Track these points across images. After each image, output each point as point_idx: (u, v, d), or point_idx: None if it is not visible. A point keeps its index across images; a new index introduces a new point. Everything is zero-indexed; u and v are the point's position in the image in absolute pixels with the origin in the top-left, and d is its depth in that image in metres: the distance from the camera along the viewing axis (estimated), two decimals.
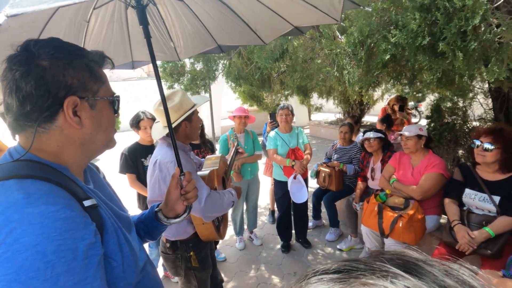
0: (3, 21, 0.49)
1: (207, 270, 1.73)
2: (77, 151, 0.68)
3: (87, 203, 0.63)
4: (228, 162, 2.11)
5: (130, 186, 2.64)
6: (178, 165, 1.06)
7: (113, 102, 0.74)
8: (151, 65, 1.18)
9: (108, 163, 5.09)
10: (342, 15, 1.49)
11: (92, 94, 0.68)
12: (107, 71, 0.78)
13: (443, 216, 2.58)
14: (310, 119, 12.29)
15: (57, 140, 0.65)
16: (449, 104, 3.04)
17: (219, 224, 1.69)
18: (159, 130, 1.61)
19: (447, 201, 2.22)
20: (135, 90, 14.17)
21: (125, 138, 2.72)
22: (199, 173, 1.61)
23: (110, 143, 0.76)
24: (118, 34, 1.46)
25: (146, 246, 2.74)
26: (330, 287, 0.27)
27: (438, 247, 2.18)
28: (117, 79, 13.54)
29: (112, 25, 1.40)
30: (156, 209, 0.98)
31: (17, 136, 0.67)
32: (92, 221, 0.61)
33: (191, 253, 1.62)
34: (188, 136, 1.63)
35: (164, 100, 1.14)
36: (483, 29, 1.48)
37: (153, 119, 2.58)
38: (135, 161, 2.58)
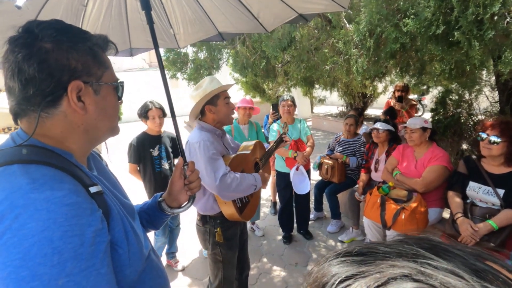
0: (23, 4, 0.46)
1: (233, 250, 1.79)
2: (81, 138, 0.67)
3: (93, 189, 0.62)
4: (267, 149, 2.10)
5: (129, 173, 2.67)
6: (182, 155, 1.06)
7: (117, 88, 0.73)
8: (152, 55, 1.16)
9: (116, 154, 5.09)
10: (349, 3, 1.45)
11: (96, 79, 0.66)
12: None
13: (446, 209, 2.58)
14: (312, 112, 12.23)
15: (61, 125, 0.64)
16: (455, 97, 3.00)
17: (242, 206, 1.70)
18: (191, 115, 1.73)
19: (450, 193, 2.22)
20: (137, 81, 14.10)
21: (127, 129, 2.70)
22: (225, 156, 1.67)
23: (114, 130, 0.75)
24: (117, 19, 1.43)
25: (151, 234, 2.77)
26: (355, 269, 0.26)
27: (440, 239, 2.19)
28: (119, 70, 13.46)
29: (110, 10, 1.36)
30: (159, 199, 0.98)
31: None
32: (98, 208, 0.60)
33: (218, 229, 1.70)
34: (216, 120, 1.70)
35: (166, 85, 1.13)
36: (496, 18, 1.44)
37: (161, 109, 2.57)
38: (143, 151, 2.58)
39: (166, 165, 2.63)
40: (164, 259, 2.93)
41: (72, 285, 0.51)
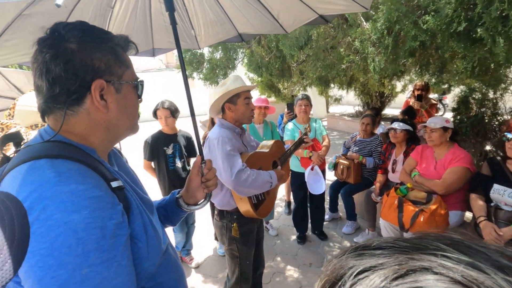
0: (62, 2, 0.49)
1: (249, 246, 1.82)
2: (102, 134, 0.69)
3: (114, 184, 0.64)
4: (286, 149, 2.10)
5: (143, 168, 2.76)
6: (200, 154, 1.07)
7: (137, 87, 0.75)
8: (169, 56, 1.19)
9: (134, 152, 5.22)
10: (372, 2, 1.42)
11: (118, 78, 0.69)
12: None
13: (468, 212, 2.48)
14: (328, 111, 12.07)
15: (85, 123, 0.66)
16: (478, 96, 2.87)
17: (258, 203, 1.72)
18: (212, 111, 1.79)
19: (473, 196, 2.13)
20: (154, 81, 14.42)
21: (144, 128, 2.78)
22: (243, 153, 1.72)
23: (134, 127, 0.77)
24: (141, 20, 1.47)
25: (170, 230, 2.83)
26: (373, 261, 0.26)
27: None
28: (137, 70, 13.75)
29: (135, 11, 1.41)
30: (177, 196, 1.00)
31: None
32: (119, 202, 0.62)
33: (234, 224, 1.74)
34: (234, 118, 1.74)
35: (187, 84, 1.15)
36: None
37: (169, 109, 2.63)
38: (157, 149, 2.65)
39: (179, 164, 2.69)
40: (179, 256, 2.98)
41: (94, 275, 0.53)
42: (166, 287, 0.76)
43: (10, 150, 1.38)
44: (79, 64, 0.62)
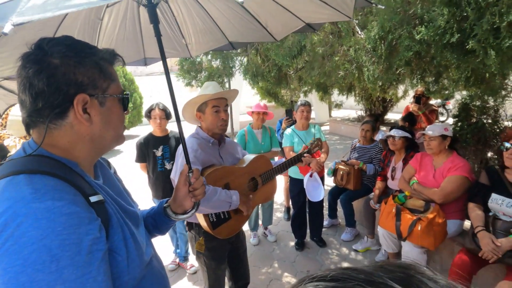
0: (10, 30, 0.50)
1: (218, 261, 1.73)
2: (87, 147, 0.70)
3: (93, 198, 0.64)
4: (276, 165, 1.89)
5: (140, 169, 2.84)
6: (187, 163, 1.08)
7: (122, 100, 0.75)
8: (172, 61, 1.21)
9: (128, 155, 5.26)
10: (361, 13, 1.43)
11: (102, 92, 0.69)
12: (132, 67, 0.79)
13: (467, 221, 2.45)
14: (330, 116, 12.06)
15: (68, 136, 0.67)
16: (478, 103, 2.85)
17: (217, 221, 1.59)
18: (188, 118, 1.74)
19: (471, 205, 2.11)
20: (157, 85, 14.55)
21: (148, 131, 2.82)
22: (209, 167, 1.62)
23: (119, 139, 0.78)
24: (131, 31, 1.50)
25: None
26: None
27: (459, 253, 2.08)
28: (141, 74, 13.94)
29: (125, 22, 1.43)
30: (164, 205, 1.00)
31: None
32: (97, 217, 0.62)
33: (201, 238, 1.65)
34: (205, 127, 1.68)
35: (172, 94, 1.16)
36: None
37: (164, 111, 2.66)
38: (147, 151, 2.69)
39: (168, 166, 2.71)
40: (168, 260, 2.98)
41: None
42: None
43: None
44: (62, 79, 0.63)
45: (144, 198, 3.06)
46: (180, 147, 1.60)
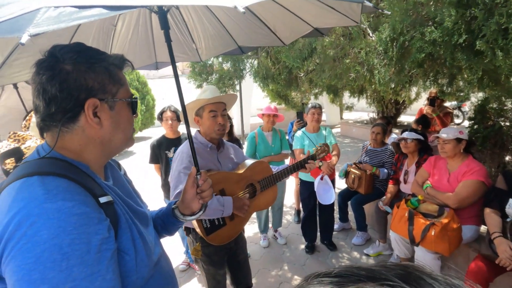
0: (26, 40, 0.53)
1: (216, 267, 1.72)
2: (97, 150, 0.73)
3: (103, 199, 0.67)
4: (278, 171, 1.81)
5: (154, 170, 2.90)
6: (195, 165, 1.10)
7: (131, 104, 0.78)
8: (184, 64, 1.24)
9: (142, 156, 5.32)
10: (373, 15, 1.43)
11: (111, 96, 0.72)
12: (145, 70, 0.81)
13: (483, 226, 2.38)
14: (341, 118, 11.95)
15: (79, 139, 0.70)
16: (495, 105, 2.77)
17: (211, 228, 1.56)
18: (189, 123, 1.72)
19: (487, 211, 2.05)
20: (171, 87, 14.77)
21: (160, 133, 2.89)
22: (209, 171, 1.60)
23: (128, 142, 0.80)
24: (143, 36, 1.54)
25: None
26: None
27: (475, 259, 2.02)
28: (154, 77, 14.19)
29: (137, 28, 1.48)
30: (173, 206, 1.02)
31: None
32: (106, 217, 0.65)
33: (197, 244, 1.63)
34: (203, 132, 1.68)
35: (182, 98, 1.19)
36: None
37: (175, 113, 2.72)
38: (159, 153, 2.75)
39: None
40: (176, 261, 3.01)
41: None
42: None
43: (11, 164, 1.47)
44: (73, 84, 0.66)
45: (156, 199, 3.11)
46: (178, 150, 1.63)
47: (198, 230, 1.54)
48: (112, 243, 0.63)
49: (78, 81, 0.66)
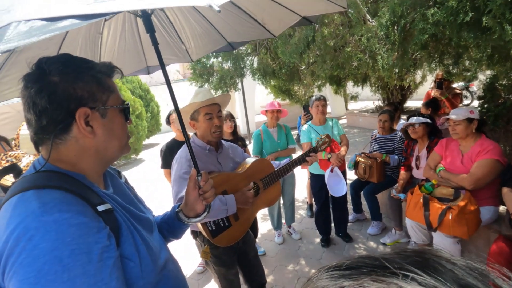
0: None
1: (226, 267, 1.71)
2: (92, 159, 0.72)
3: (100, 208, 0.66)
4: (279, 167, 1.81)
5: (164, 176, 2.84)
6: (195, 166, 1.09)
7: (123, 110, 0.77)
8: (185, 67, 1.23)
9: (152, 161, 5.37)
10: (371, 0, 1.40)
11: (102, 104, 0.71)
12: (146, 77, 0.80)
13: (502, 206, 2.32)
14: (347, 109, 11.83)
15: (74, 149, 0.69)
16: (504, 82, 2.69)
17: (217, 230, 1.55)
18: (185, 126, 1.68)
19: (505, 190, 2.00)
20: (174, 92, 14.86)
21: (166, 138, 2.91)
22: (211, 173, 1.59)
23: (124, 149, 0.79)
24: (131, 42, 1.52)
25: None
26: (339, 283, 0.27)
27: (496, 241, 1.98)
28: (156, 83, 14.28)
29: (124, 34, 1.46)
30: (177, 209, 1.02)
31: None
32: (105, 225, 0.64)
33: (206, 246, 1.63)
34: (200, 135, 1.66)
35: (175, 102, 1.19)
36: None
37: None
38: (170, 157, 2.75)
39: None
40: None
41: None
42: None
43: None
44: (62, 95, 0.65)
45: (167, 207, 3.13)
46: (176, 156, 1.62)
47: (204, 233, 1.54)
48: (114, 251, 0.63)
49: (66, 92, 0.66)
